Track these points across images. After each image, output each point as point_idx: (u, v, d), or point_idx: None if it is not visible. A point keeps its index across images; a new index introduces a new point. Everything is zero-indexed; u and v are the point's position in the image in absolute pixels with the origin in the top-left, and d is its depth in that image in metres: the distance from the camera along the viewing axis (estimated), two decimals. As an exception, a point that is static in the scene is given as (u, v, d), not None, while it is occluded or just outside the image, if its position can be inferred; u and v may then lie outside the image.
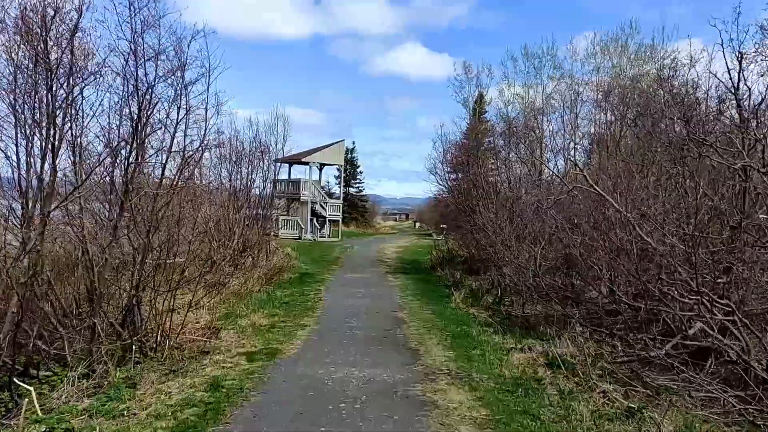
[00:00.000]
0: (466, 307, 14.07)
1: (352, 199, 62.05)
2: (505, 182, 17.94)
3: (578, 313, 11.49)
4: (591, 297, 11.77)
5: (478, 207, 17.98)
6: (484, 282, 17.87)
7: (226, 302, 13.29)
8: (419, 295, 15.47)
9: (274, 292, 14.99)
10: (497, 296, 15.57)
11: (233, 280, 14.88)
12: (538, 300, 12.89)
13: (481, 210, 17.83)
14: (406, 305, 13.75)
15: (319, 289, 15.83)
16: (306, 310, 12.53)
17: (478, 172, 19.18)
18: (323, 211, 40.84)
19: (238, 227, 17.48)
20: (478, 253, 20.81)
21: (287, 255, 24.23)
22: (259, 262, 19.01)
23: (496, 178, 20.19)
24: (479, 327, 11.50)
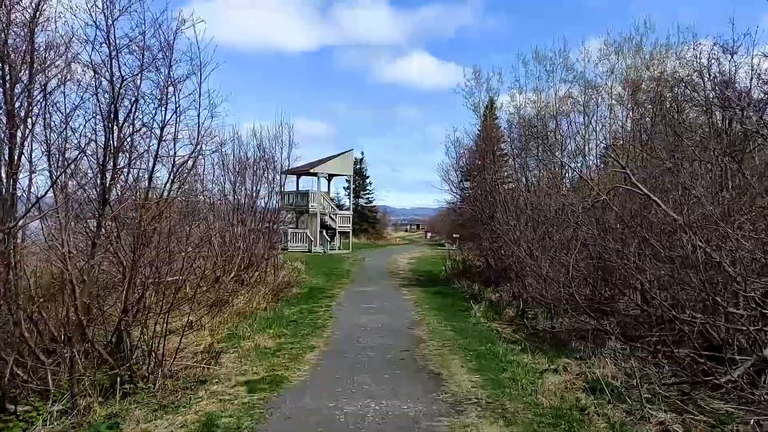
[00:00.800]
0: (487, 322, 13.04)
1: (362, 210, 61.18)
2: (523, 187, 16.92)
3: (611, 325, 10.44)
4: (625, 309, 10.71)
5: (496, 214, 16.97)
6: (504, 293, 16.83)
7: (229, 322, 12.35)
8: (436, 310, 14.44)
9: (282, 309, 14.02)
10: (519, 309, 14.52)
11: (237, 297, 13.94)
12: (566, 312, 11.83)
13: (500, 217, 16.82)
14: (424, 321, 12.74)
15: (329, 305, 14.85)
16: (315, 329, 11.55)
17: (495, 177, 18.19)
18: (333, 223, 39.95)
19: (243, 241, 16.56)
20: (497, 263, 19.79)
21: (296, 269, 23.31)
22: (266, 278, 18.08)
23: (512, 185, 19.20)
24: (505, 344, 10.47)
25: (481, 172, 18.25)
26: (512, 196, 16.45)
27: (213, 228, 15.17)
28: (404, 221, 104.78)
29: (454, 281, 20.93)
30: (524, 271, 13.89)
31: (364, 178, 62.45)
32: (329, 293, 17.58)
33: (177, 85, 7.47)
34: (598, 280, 10.65)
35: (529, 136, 16.04)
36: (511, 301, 16.04)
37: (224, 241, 16.26)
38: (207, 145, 9.34)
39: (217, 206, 16.97)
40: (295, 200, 39.11)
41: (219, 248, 15.49)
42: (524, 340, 10.88)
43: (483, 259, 21.83)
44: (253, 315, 13.11)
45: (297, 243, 37.40)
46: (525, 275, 14.60)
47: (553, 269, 11.55)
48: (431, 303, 15.69)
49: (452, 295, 17.68)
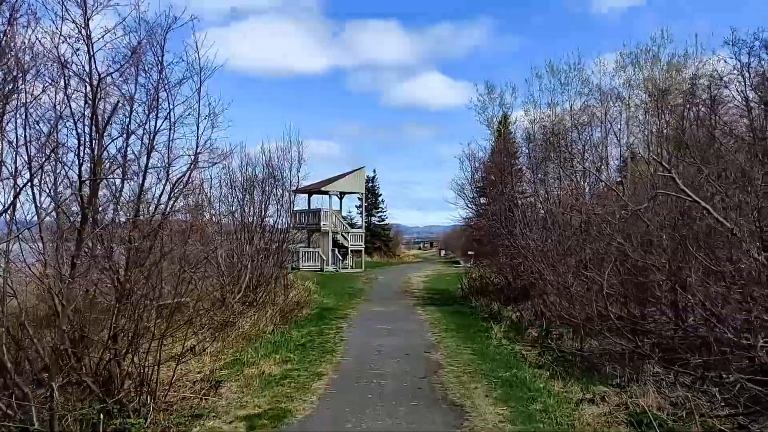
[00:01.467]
0: (509, 344, 12.15)
1: (374, 228, 60.46)
2: (543, 200, 16.09)
3: (648, 347, 9.51)
4: (663, 328, 9.79)
5: (515, 229, 16.13)
6: (525, 312, 15.90)
7: (234, 346, 11.58)
8: (454, 331, 13.57)
9: (290, 331, 13.23)
10: (543, 329, 13.61)
11: (243, 319, 13.18)
12: (597, 333, 10.92)
13: (520, 232, 15.98)
14: (441, 343, 11.88)
15: (340, 327, 14.04)
16: (324, 354, 10.73)
17: (513, 191, 17.39)
18: (345, 242, 39.24)
19: (250, 261, 15.85)
20: (516, 281, 18.89)
21: (307, 289, 22.55)
22: (275, 299, 17.34)
23: (530, 199, 18.38)
24: (531, 369, 9.59)
25: (498, 185, 17.46)
26: (532, 210, 15.61)
27: (219, 247, 14.47)
28: (417, 239, 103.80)
29: (471, 300, 20.04)
30: (547, 289, 13.00)
31: (376, 196, 61.82)
32: (340, 314, 16.77)
33: (170, 89, 6.80)
34: (630, 298, 9.75)
35: (548, 146, 15.24)
36: (533, 320, 15.12)
37: (231, 260, 15.57)
38: (208, 157, 8.64)
39: (223, 225, 16.29)
40: (307, 219, 38.48)
41: (225, 268, 14.78)
42: (552, 365, 10.00)
43: (501, 277, 20.92)
44: (260, 338, 12.34)
45: (309, 262, 36.71)
46: (548, 293, 13.73)
47: (581, 286, 10.67)
48: (448, 323, 14.82)
49: (470, 314, 16.79)
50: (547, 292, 14.23)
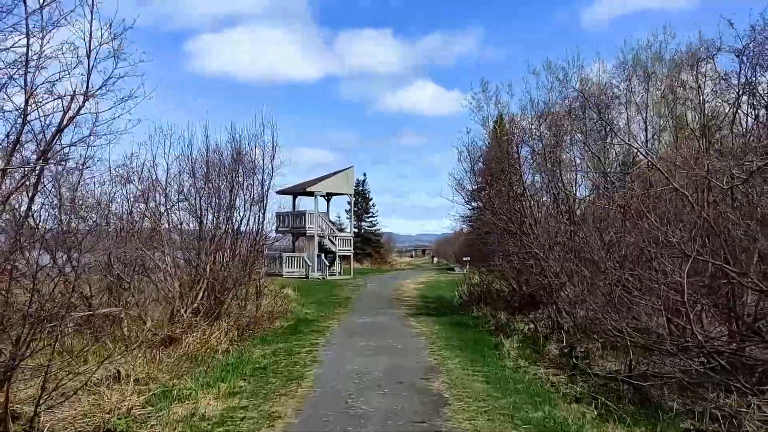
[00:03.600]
0: (527, 365, 9.54)
1: (365, 234, 57.93)
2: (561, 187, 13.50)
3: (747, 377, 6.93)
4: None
5: (526, 225, 13.54)
6: (540, 324, 13.32)
7: (174, 369, 8.88)
8: (457, 348, 10.91)
9: (251, 349, 10.53)
10: (566, 345, 11.03)
11: (192, 335, 10.45)
12: (651, 352, 8.33)
13: (531, 228, 13.40)
14: (442, 365, 9.21)
15: (315, 343, 11.34)
16: (288, 382, 8.03)
17: (522, 182, 14.81)
18: (332, 246, 36.50)
19: (209, 264, 13.14)
20: (523, 287, 16.31)
21: (284, 297, 19.83)
22: (242, 309, 14.63)
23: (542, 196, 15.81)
24: (568, 405, 6.97)
25: (507, 176, 14.86)
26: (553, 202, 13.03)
27: (163, 246, 11.76)
28: (409, 247, 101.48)
29: (472, 308, 17.40)
30: (582, 294, 10.42)
31: (367, 200, 59.32)
32: (319, 326, 14.07)
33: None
34: (708, 308, 7.16)
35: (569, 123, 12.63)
36: (550, 333, 12.55)
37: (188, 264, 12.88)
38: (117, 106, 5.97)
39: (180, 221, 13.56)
40: (291, 222, 35.76)
41: (174, 274, 12.04)
42: (593, 397, 7.38)
43: (506, 282, 18.31)
44: (210, 358, 9.65)
45: (292, 268, 33.98)
46: (575, 299, 11.17)
47: (630, 288, 8.05)
48: (448, 338, 12.16)
49: (473, 326, 14.14)
50: (573, 298, 11.67)
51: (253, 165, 16.15)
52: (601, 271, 8.90)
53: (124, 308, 10.25)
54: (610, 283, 8.26)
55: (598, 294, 10.33)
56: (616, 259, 8.71)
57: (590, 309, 9.97)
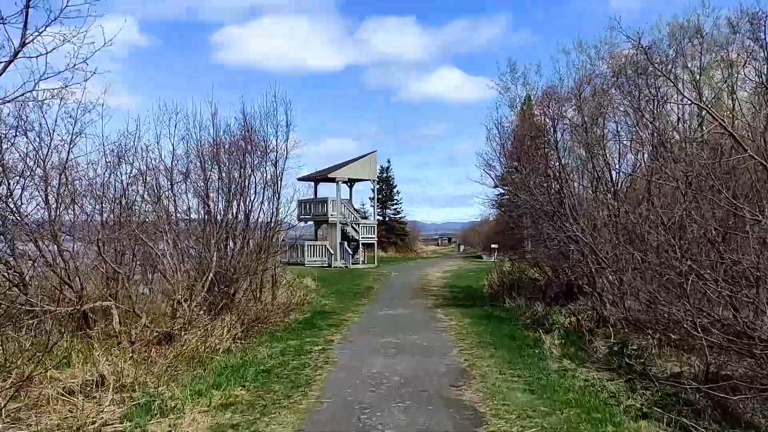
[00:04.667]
0: (575, 367, 8.17)
1: (390, 222, 56.67)
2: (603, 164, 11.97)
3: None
4: None
5: (569, 207, 12.09)
6: (582, 316, 11.91)
7: (166, 373, 7.75)
8: (489, 345, 9.58)
9: (257, 348, 9.36)
10: (617, 342, 9.64)
11: (192, 332, 9.31)
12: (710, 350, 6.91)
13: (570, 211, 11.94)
14: (474, 368, 7.89)
15: (330, 340, 10.12)
16: (293, 390, 6.82)
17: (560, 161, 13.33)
18: (355, 234, 35.34)
19: (216, 253, 12.01)
20: (558, 275, 14.87)
21: (302, 287, 18.72)
22: (257, 300, 13.53)
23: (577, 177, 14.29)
24: (632, 421, 5.62)
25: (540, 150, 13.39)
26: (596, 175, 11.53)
27: (164, 232, 10.63)
28: (435, 235, 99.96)
29: (503, 299, 16.01)
30: (635, 283, 8.99)
31: (391, 187, 57.97)
32: (337, 319, 12.87)
33: None
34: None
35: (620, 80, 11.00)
36: (594, 328, 11.15)
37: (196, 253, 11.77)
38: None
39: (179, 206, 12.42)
40: (312, 209, 34.69)
41: (176, 263, 10.91)
42: (660, 409, 6.01)
43: (540, 270, 16.87)
44: (211, 358, 8.51)
45: (315, 257, 32.94)
46: (629, 289, 9.74)
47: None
48: (480, 333, 10.83)
49: (506, 319, 12.78)
50: (622, 288, 10.24)
51: (266, 145, 14.97)
52: (666, 256, 7.44)
53: (115, 302, 9.16)
54: (680, 270, 6.81)
55: (655, 282, 8.90)
56: (688, 241, 7.25)
57: (647, 299, 8.52)
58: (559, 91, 13.85)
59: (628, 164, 12.79)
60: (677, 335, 8.84)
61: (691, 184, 7.71)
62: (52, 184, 8.99)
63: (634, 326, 10.26)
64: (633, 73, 10.05)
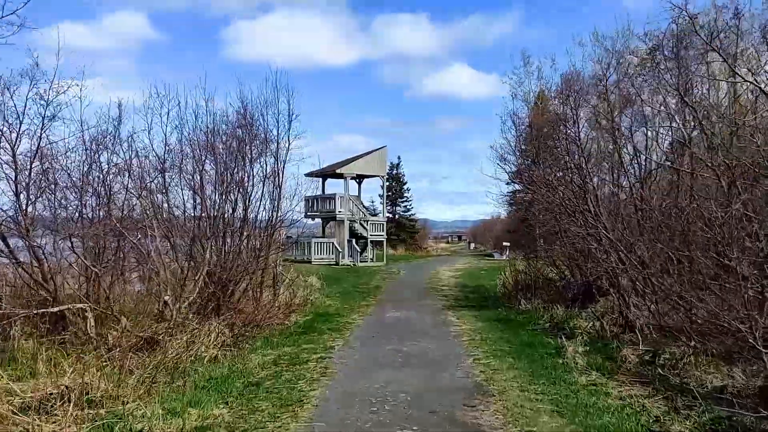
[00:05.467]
0: (604, 380, 7.17)
1: (400, 219, 55.64)
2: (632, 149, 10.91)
3: None
4: None
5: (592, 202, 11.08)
6: (606, 320, 10.90)
7: (143, 384, 6.84)
8: (507, 355, 8.59)
9: (249, 354, 8.44)
10: (648, 351, 8.63)
11: (176, 338, 8.40)
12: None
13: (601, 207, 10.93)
14: (491, 383, 6.91)
15: (330, 347, 9.18)
16: (281, 410, 5.89)
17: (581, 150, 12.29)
18: (364, 231, 34.40)
19: (210, 249, 11.12)
20: (581, 274, 13.85)
21: (308, 286, 17.82)
22: (258, 300, 12.64)
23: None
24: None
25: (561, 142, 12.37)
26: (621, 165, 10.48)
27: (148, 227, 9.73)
28: (445, 233, 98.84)
29: (518, 300, 15.00)
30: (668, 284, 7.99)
31: (401, 184, 56.91)
32: (340, 322, 11.93)
33: None
34: None
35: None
36: (620, 333, 10.16)
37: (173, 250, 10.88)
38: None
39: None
40: (320, 205, 33.78)
41: (161, 261, 10.00)
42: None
43: (557, 270, 15.84)
44: (193, 367, 7.60)
45: (322, 254, 32.03)
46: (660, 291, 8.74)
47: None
48: (496, 340, 9.84)
49: (523, 323, 11.78)
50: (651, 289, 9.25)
51: (266, 135, 14.05)
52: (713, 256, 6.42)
53: (90, 303, 8.28)
54: (739, 272, 5.79)
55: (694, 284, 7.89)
56: (741, 239, 6.22)
57: (686, 303, 7.53)
58: (582, 77, 12.80)
59: (659, 154, 11.78)
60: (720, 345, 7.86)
61: (743, 175, 6.69)
62: (22, 173, 8.12)
63: (667, 333, 9.26)
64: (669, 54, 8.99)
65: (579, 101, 12.98)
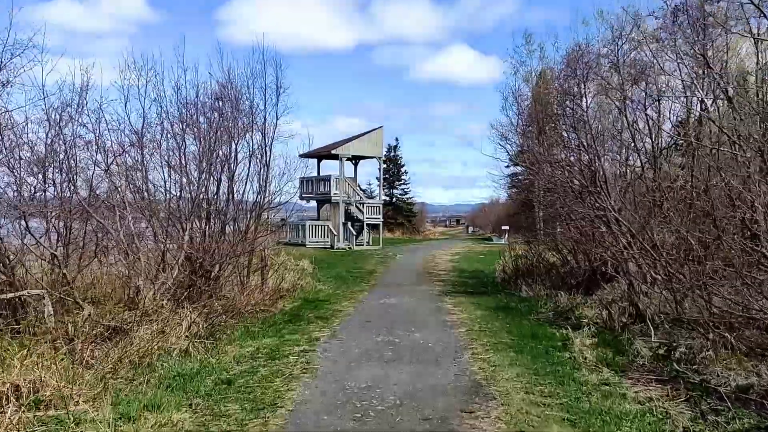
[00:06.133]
0: (617, 379, 6.43)
1: (397, 202, 54.90)
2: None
3: None
4: None
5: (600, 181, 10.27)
6: (613, 309, 10.13)
7: (104, 380, 6.08)
8: (508, 348, 7.83)
9: (226, 346, 7.67)
10: (663, 343, 7.89)
11: (144, 327, 7.61)
12: None
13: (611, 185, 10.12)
14: (492, 382, 6.14)
15: (316, 338, 8.40)
16: (252, 413, 5.12)
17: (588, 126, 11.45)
18: (360, 214, 33.58)
19: (189, 230, 10.32)
20: (586, 259, 13.09)
21: (300, 271, 17.08)
22: (245, 286, 11.88)
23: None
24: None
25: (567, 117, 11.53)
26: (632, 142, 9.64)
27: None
28: (443, 217, 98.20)
29: (519, 286, 14.27)
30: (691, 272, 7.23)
31: (399, 166, 56.07)
32: (329, 310, 11.18)
33: None
34: None
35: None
36: (631, 323, 9.41)
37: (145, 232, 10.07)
38: None
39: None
40: (315, 187, 32.94)
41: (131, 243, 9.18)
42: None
43: (559, 254, 15.07)
44: (160, 361, 6.83)
45: (317, 237, 31.28)
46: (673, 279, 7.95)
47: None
48: (496, 331, 9.08)
49: (524, 311, 11.02)
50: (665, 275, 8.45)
51: (252, 110, 13.17)
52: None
53: (47, 289, 7.48)
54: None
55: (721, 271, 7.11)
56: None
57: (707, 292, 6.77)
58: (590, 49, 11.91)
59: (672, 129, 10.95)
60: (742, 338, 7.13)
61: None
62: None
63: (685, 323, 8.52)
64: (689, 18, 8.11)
65: (587, 74, 12.13)
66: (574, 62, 13.42)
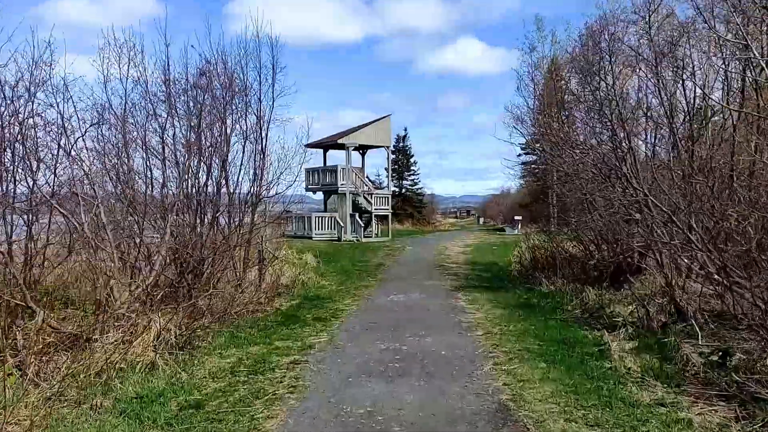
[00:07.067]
0: (673, 398, 5.23)
1: (406, 193, 53.61)
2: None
3: None
4: None
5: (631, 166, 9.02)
6: (650, 306, 8.91)
7: (50, 402, 4.98)
8: (537, 356, 6.63)
9: (205, 356, 6.55)
10: (711, 347, 6.71)
11: (107, 335, 6.49)
12: None
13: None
14: (522, 407, 4.94)
15: (310, 345, 7.25)
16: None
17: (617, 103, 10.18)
18: (368, 205, 32.35)
19: (171, 222, 9.19)
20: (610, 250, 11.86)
21: (302, 265, 15.98)
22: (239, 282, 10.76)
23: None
24: None
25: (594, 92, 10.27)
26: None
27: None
28: (453, 208, 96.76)
29: (538, 280, 13.06)
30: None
31: (408, 156, 54.69)
32: (330, 309, 10.03)
33: None
34: None
35: None
36: (672, 323, 8.21)
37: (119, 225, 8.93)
38: None
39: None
40: (321, 178, 31.78)
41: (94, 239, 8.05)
42: None
43: (581, 245, 13.80)
44: (119, 378, 5.71)
45: (323, 230, 30.11)
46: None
47: None
48: (518, 333, 7.88)
49: (548, 309, 9.82)
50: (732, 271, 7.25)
51: (245, 90, 12.00)
52: None
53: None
54: None
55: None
56: None
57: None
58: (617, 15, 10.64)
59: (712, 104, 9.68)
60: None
61: None
62: None
63: (739, 323, 7.31)
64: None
65: (612, 44, 10.86)
66: (597, 34, 12.14)
